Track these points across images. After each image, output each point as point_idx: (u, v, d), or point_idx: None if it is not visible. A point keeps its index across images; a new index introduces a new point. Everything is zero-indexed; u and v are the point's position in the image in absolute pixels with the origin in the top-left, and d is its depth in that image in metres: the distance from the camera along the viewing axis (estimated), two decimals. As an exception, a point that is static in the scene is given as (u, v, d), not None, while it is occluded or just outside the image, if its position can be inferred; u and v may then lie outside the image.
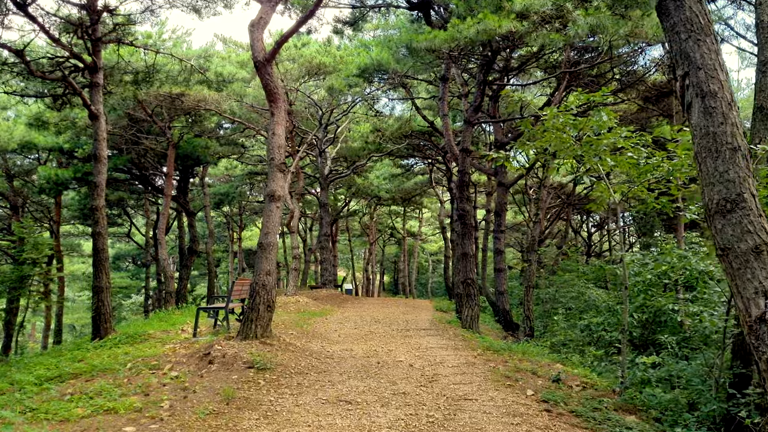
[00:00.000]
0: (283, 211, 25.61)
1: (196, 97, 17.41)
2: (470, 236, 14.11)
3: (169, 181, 19.64)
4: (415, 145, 28.53)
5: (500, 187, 19.68)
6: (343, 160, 29.90)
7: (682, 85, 4.26)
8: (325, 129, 24.55)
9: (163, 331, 13.08)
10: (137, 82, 15.37)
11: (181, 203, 24.38)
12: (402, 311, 19.55)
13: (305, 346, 9.91)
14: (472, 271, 13.96)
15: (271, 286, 9.45)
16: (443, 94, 14.99)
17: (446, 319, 17.35)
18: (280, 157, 9.85)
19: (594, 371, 9.34)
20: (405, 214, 44.22)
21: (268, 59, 9.83)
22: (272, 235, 9.57)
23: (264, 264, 9.46)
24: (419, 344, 11.12)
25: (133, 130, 19.63)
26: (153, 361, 9.11)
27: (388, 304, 22.90)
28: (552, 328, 14.19)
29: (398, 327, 14.02)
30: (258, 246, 9.64)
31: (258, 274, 9.45)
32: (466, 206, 14.09)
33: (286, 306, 17.57)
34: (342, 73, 19.32)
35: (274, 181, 9.76)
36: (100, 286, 12.87)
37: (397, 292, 56.23)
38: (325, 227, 25.22)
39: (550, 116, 8.39)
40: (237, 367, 8.09)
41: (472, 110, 14.13)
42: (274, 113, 10.04)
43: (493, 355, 10.31)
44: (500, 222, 19.49)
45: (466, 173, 14.07)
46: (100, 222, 12.96)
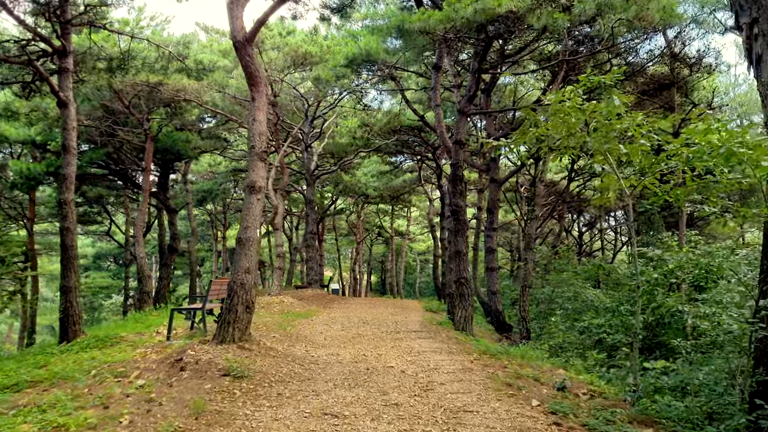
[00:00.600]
0: (267, 208, 24.70)
1: (174, 87, 16.50)
2: (464, 233, 13.39)
3: (147, 175, 18.74)
4: (404, 141, 27.80)
5: (493, 184, 19.00)
6: (330, 157, 29.08)
7: (749, 36, 3.53)
8: (311, 123, 23.71)
9: (137, 334, 12.26)
10: (111, 70, 14.49)
11: (161, 200, 23.46)
12: (391, 312, 18.80)
13: (288, 351, 9.13)
14: (465, 269, 13.25)
15: (250, 286, 8.67)
16: (435, 84, 14.26)
17: (437, 320, 16.62)
18: (261, 145, 9.07)
19: (601, 378, 8.63)
20: (393, 212, 43.49)
21: (248, 39, 9.04)
22: (252, 229, 8.78)
23: (243, 261, 8.67)
24: (411, 348, 10.39)
25: (108, 122, 18.65)
26: (120, 367, 8.32)
27: (376, 305, 22.14)
28: (549, 330, 13.51)
29: (388, 329, 13.28)
30: (237, 242, 8.85)
31: (236, 272, 8.66)
32: (460, 201, 13.37)
33: (269, 306, 16.77)
34: (329, 63, 18.52)
35: (255, 171, 8.97)
36: (68, 286, 12.03)
37: (384, 292, 55.45)
38: (310, 225, 24.41)
39: (556, 100, 7.68)
40: (211, 375, 7.30)
41: (465, 100, 13.42)
42: (255, 98, 9.26)
43: (490, 360, 9.59)
44: (492, 219, 18.83)
45: (459, 166, 13.35)
46: (68, 217, 12.09)
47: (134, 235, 19.28)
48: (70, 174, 11.96)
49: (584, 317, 12.62)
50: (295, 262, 34.87)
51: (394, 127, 24.09)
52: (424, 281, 59.32)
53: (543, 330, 14.50)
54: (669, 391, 7.71)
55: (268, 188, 18.28)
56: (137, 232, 18.99)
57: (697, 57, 14.95)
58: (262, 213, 30.54)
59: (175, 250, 23.16)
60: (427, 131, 25.60)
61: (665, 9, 10.34)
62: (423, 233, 55.10)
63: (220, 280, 10.81)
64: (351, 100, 25.39)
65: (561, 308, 14.92)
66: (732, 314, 7.72)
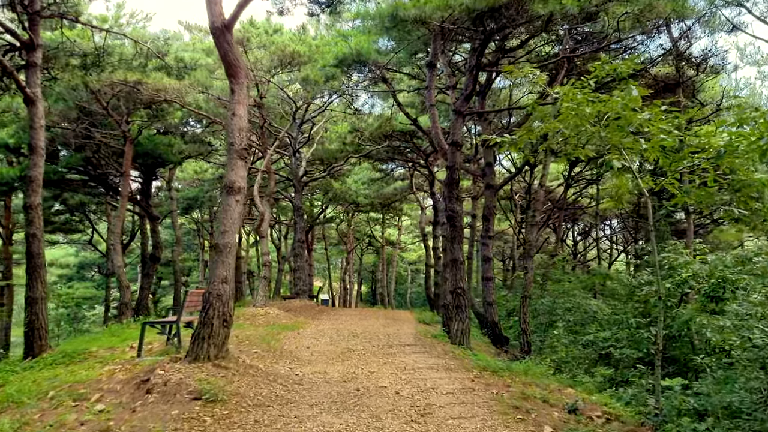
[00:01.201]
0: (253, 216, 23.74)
1: (154, 86, 15.61)
2: (460, 240, 12.60)
3: (126, 180, 17.82)
4: (396, 148, 27.03)
5: (488, 190, 18.24)
6: (320, 163, 28.22)
7: None
8: (299, 127, 22.88)
9: (108, 349, 11.34)
10: (86, 67, 13.63)
11: (143, 207, 22.53)
12: (382, 324, 17.95)
13: (270, 369, 8.26)
14: (462, 279, 12.45)
15: (227, 297, 7.81)
16: (430, 83, 13.51)
17: (431, 332, 15.78)
18: (241, 141, 8.24)
19: (617, 398, 7.81)
20: (384, 221, 42.66)
21: (227, 25, 8.23)
22: (230, 234, 7.94)
23: (220, 269, 7.82)
24: (405, 364, 9.54)
25: (85, 124, 17.71)
26: (81, 388, 7.43)
27: (367, 316, 21.27)
28: (551, 344, 12.70)
29: (379, 342, 12.43)
30: (213, 248, 8.02)
31: (212, 282, 7.80)
32: (456, 207, 12.58)
33: (254, 318, 15.87)
34: (318, 63, 17.74)
35: (234, 170, 8.14)
36: (34, 297, 11.10)
37: (375, 303, 54.51)
38: (299, 233, 23.53)
39: (568, 90, 6.93)
40: (180, 399, 6.43)
41: (462, 100, 12.67)
42: (235, 90, 8.44)
43: (492, 378, 8.78)
44: (488, 227, 18.04)
45: (455, 169, 12.57)
46: (34, 222, 11.19)
47: (113, 244, 18.34)
48: (36, 176, 11.07)
49: (589, 330, 11.82)
50: (283, 272, 33.88)
51: (386, 131, 23.30)
52: (415, 291, 58.42)
53: (544, 343, 13.70)
54: (694, 414, 6.93)
55: (254, 194, 17.41)
56: (115, 239, 18.05)
57: (702, 56, 14.33)
58: (248, 219, 29.53)
59: (157, 259, 22.22)
60: (419, 137, 24.84)
61: (677, 0, 9.68)
62: (414, 242, 54.28)
63: (197, 290, 9.94)
64: (341, 103, 24.63)
65: (562, 320, 14.13)
66: (764, 328, 6.95)
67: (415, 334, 15.02)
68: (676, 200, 7.15)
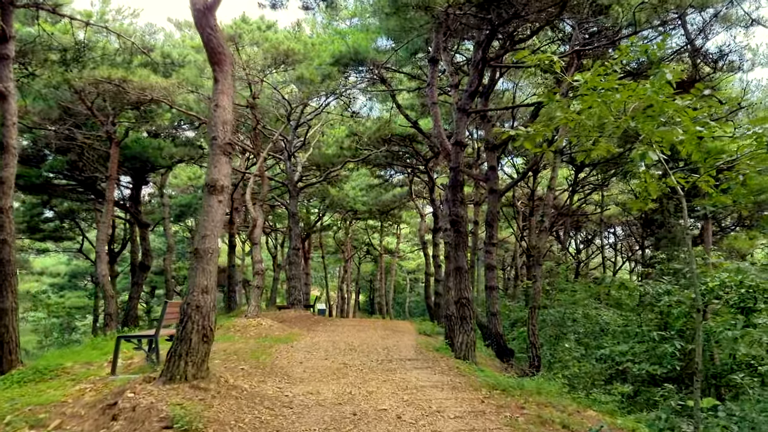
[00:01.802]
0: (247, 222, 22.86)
1: (140, 85, 14.78)
2: (464, 247, 11.77)
3: (111, 184, 16.94)
4: (395, 153, 26.26)
5: (492, 195, 17.41)
6: (316, 169, 27.38)
7: None
8: (295, 130, 22.05)
9: (85, 364, 10.46)
10: (66, 62, 12.81)
11: (132, 213, 21.67)
12: (381, 335, 17.09)
13: (256, 389, 7.39)
14: (467, 288, 11.60)
15: (208, 309, 6.96)
16: (432, 80, 12.73)
17: (433, 345, 14.92)
18: (225, 135, 7.42)
19: (645, 423, 6.96)
20: (382, 229, 41.82)
21: (209, 7, 7.44)
22: (212, 238, 7.10)
23: (200, 278, 6.98)
24: (407, 382, 8.69)
25: (68, 125, 16.85)
26: (42, 412, 6.59)
27: (365, 327, 20.40)
28: (562, 358, 11.85)
29: (378, 356, 11.57)
30: (192, 253, 7.17)
31: (191, 292, 6.96)
32: (460, 211, 11.76)
33: (245, 330, 15.01)
34: (314, 62, 16.95)
35: (216, 166, 7.31)
36: (4, 308, 10.23)
37: (373, 312, 53.59)
38: (294, 240, 22.65)
39: (594, 74, 6.13)
40: (149, 428, 5.57)
41: (467, 97, 11.87)
42: (218, 79, 7.63)
43: (503, 398, 7.93)
44: (492, 234, 17.21)
45: (459, 171, 11.75)
46: (5, 227, 10.33)
47: (98, 251, 17.47)
48: (8, 178, 10.23)
49: (603, 343, 10.97)
50: (278, 281, 33.02)
51: (385, 135, 22.50)
52: (413, 300, 57.52)
53: (554, 357, 12.83)
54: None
55: (247, 199, 16.57)
56: (100, 247, 17.17)
57: (720, 53, 13.55)
58: (242, 226, 28.63)
59: (146, 267, 21.36)
60: (419, 141, 24.07)
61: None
62: (413, 251, 53.44)
63: (177, 302, 9.07)
64: (338, 106, 23.84)
65: (572, 332, 13.27)
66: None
67: (416, 346, 14.16)
68: (715, 199, 6.33)
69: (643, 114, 5.83)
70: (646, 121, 6.04)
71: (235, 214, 27.13)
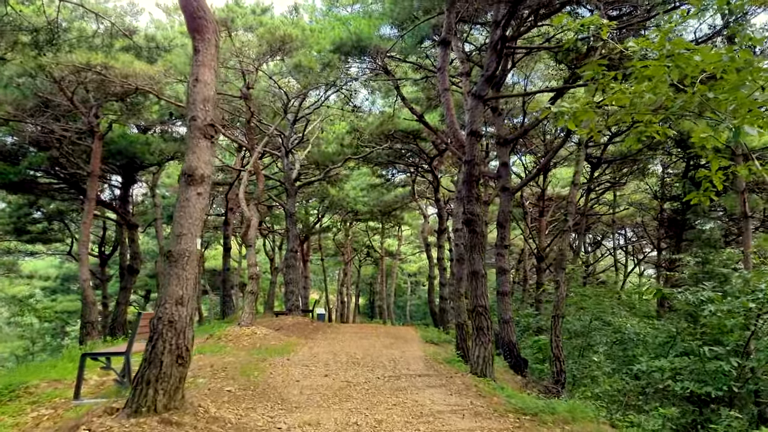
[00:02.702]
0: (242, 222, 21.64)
1: (123, 72, 13.52)
2: (481, 248, 10.53)
3: (93, 181, 15.68)
4: (398, 151, 25.04)
5: (504, 193, 16.22)
6: (315, 167, 26.13)
7: None
8: (292, 125, 20.81)
9: (53, 382, 9.20)
10: (38, 45, 11.56)
11: (120, 213, 20.42)
12: (384, 344, 15.87)
13: (243, 421, 6.16)
14: (484, 295, 10.36)
15: (184, 324, 5.73)
16: (443, 64, 11.52)
17: (443, 356, 13.69)
18: (206, 115, 6.20)
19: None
20: (383, 230, 40.58)
21: (189, -39, 6.22)
22: (189, 239, 5.88)
23: (174, 286, 5.75)
24: (420, 406, 7.46)
25: (46, 116, 15.55)
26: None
27: (367, 334, 19.19)
28: (590, 373, 10.61)
29: (384, 371, 10.34)
30: (165, 257, 5.94)
31: (162, 304, 5.73)
32: (476, 208, 10.53)
33: (238, 340, 13.77)
34: (313, 49, 15.73)
35: (195, 152, 6.10)
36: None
37: (373, 316, 52.38)
38: (292, 242, 21.42)
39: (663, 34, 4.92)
40: (100, 481, 4.35)
41: (483, 81, 10.65)
42: (199, 49, 6.42)
43: (533, 425, 6.72)
44: (504, 235, 16.00)
45: (475, 164, 10.53)
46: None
47: (78, 254, 16.19)
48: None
49: (634, 356, 9.74)
50: (275, 284, 31.74)
51: (388, 131, 21.28)
52: (414, 304, 56.27)
53: (580, 371, 11.58)
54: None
55: (240, 198, 15.33)
56: (81, 249, 15.91)
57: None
58: (238, 227, 27.34)
59: (135, 270, 20.13)
60: (424, 137, 22.86)
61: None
62: (414, 253, 52.20)
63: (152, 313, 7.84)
64: (339, 100, 22.60)
65: (602, 343, 12.02)
66: None
67: (425, 357, 12.95)
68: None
69: (737, 75, 4.58)
70: (729, 91, 4.81)
71: (231, 214, 25.92)
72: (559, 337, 11.27)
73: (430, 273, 29.74)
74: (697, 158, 19.54)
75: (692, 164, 19.75)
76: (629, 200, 26.13)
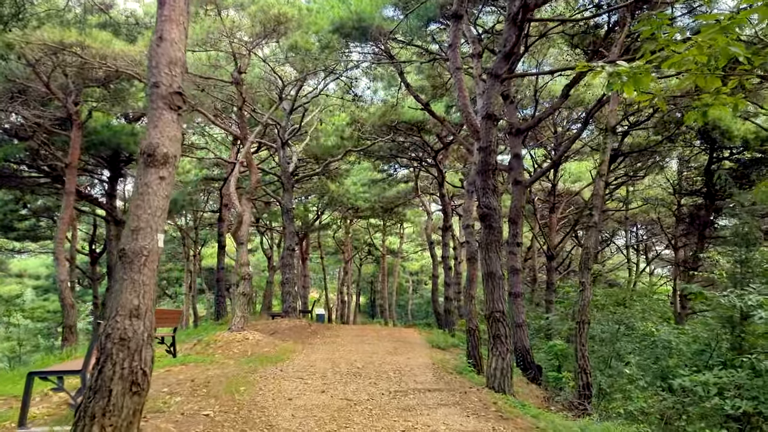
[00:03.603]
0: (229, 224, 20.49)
1: (100, 52, 12.31)
2: (498, 246, 9.34)
3: (72, 173, 14.48)
4: (400, 144, 23.85)
5: (516, 187, 15.08)
6: (315, 162, 24.89)
7: None
8: (289, 114, 19.57)
9: (11, 398, 8.07)
10: (2, 19, 10.37)
11: (107, 209, 19.22)
12: (388, 349, 14.70)
13: (216, 461, 4.97)
14: (501, 299, 9.19)
15: (140, 342, 4.55)
16: (454, 39, 10.32)
17: (452, 364, 12.51)
18: (171, 80, 5.02)
19: None
20: (385, 228, 39.39)
21: None
22: (148, 234, 4.70)
23: (127, 293, 4.57)
24: (433, 430, 6.28)
25: (17, 102, 14.27)
26: None
27: (368, 337, 18.02)
28: (621, 387, 9.42)
29: (389, 384, 9.17)
30: (119, 256, 4.76)
31: (112, 317, 4.55)
32: (492, 201, 9.34)
33: (228, 347, 12.58)
34: (310, 29, 14.51)
35: (158, 125, 4.92)
36: None
37: (374, 315, 51.28)
38: (289, 239, 20.22)
39: None
40: None
41: (501, 58, 9.45)
42: (164, 1, 5.21)
43: (573, 460, 5.54)
44: (516, 232, 14.87)
45: (491, 151, 9.33)
46: None
47: (55, 252, 14.96)
48: None
49: (676, 368, 8.55)
50: (272, 284, 30.58)
51: (390, 122, 20.08)
52: (416, 303, 55.11)
53: (606, 382, 10.36)
54: None
55: (231, 191, 14.12)
56: (56, 246, 14.67)
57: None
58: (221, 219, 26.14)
59: (122, 270, 18.90)
60: (428, 129, 21.66)
61: None
62: (417, 251, 51.02)
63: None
64: (339, 89, 21.35)
65: (632, 352, 10.78)
66: None
67: (433, 366, 11.77)
68: None
69: None
70: None
71: (226, 210, 24.76)
72: (585, 346, 10.07)
73: (433, 272, 28.55)
74: (721, 150, 18.36)
75: (716, 157, 18.56)
76: (643, 195, 24.92)
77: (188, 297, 37.63)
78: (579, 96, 18.46)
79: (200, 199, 31.49)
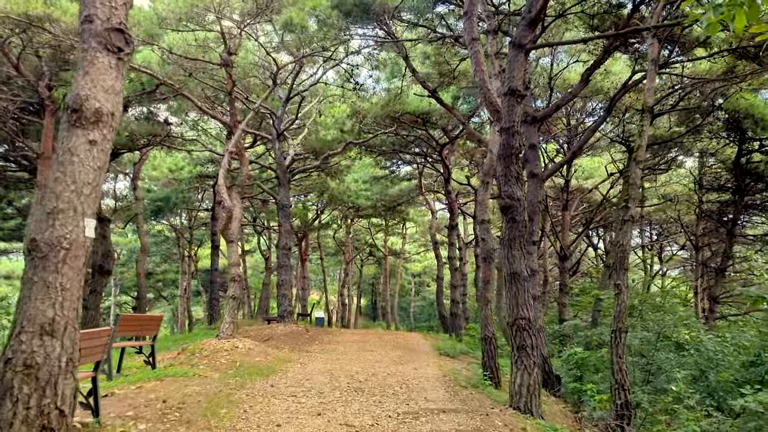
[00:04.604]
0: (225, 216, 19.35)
1: (72, 27, 11.02)
2: (522, 243, 8.04)
3: (45, 164, 13.19)
4: (404, 138, 22.55)
5: (532, 180, 13.82)
6: (314, 158, 23.57)
7: None
8: (285, 103, 18.25)
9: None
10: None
11: (91, 206, 17.88)
12: (392, 358, 13.45)
13: None
14: (527, 304, 7.89)
15: (54, 369, 3.23)
16: (470, 7, 9.04)
17: (465, 375, 11.23)
18: (109, 13, 3.73)
19: None
20: (387, 227, 38.07)
21: None
22: (70, 218, 3.39)
23: (36, 302, 3.26)
24: (456, 476, 4.99)
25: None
26: None
27: (370, 343, 16.77)
28: (667, 406, 8.12)
29: (396, 403, 7.86)
30: (28, 249, 3.45)
31: (16, 335, 3.23)
32: (516, 191, 8.05)
33: (214, 356, 11.28)
34: (307, 4, 13.21)
35: (89, 73, 3.62)
36: None
37: (375, 318, 50.02)
38: (285, 238, 18.91)
39: None
40: None
41: (525, 26, 8.17)
42: None
43: None
44: (532, 229, 13.56)
45: (515, 132, 8.04)
46: None
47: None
48: None
49: (743, 389, 7.23)
50: (268, 286, 29.29)
51: (394, 113, 18.77)
52: (418, 305, 53.77)
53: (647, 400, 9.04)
54: None
55: (220, 184, 12.83)
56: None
57: None
58: (215, 217, 24.77)
59: (107, 271, 17.68)
60: (433, 122, 20.35)
61: None
62: (419, 252, 49.68)
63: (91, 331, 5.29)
64: (338, 78, 20.05)
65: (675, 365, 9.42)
66: None
67: (444, 378, 10.50)
68: None
69: None
70: None
71: (219, 208, 23.43)
72: (623, 358, 8.76)
73: (438, 273, 27.21)
74: (751, 141, 17.03)
75: (745, 149, 17.23)
76: (661, 192, 23.58)
77: (183, 299, 36.36)
78: (596, 84, 17.19)
79: (194, 197, 30.23)
